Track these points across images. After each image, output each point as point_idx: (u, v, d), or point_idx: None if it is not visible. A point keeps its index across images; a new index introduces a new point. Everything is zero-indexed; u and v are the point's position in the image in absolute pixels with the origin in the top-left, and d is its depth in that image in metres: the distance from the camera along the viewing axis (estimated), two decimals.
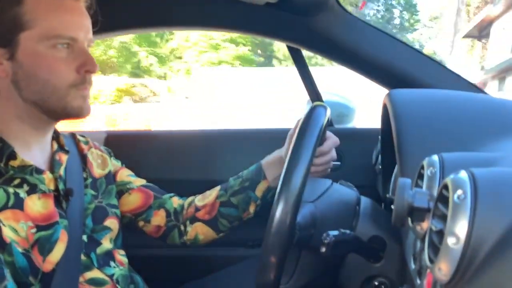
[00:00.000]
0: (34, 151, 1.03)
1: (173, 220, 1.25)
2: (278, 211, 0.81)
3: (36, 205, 0.97)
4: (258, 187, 1.21)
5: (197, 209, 1.25)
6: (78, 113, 1.02)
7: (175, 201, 1.28)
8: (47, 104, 0.99)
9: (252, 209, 1.23)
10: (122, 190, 1.23)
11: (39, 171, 1.01)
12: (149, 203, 1.25)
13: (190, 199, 1.30)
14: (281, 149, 1.22)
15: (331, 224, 0.94)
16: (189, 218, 1.25)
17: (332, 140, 1.20)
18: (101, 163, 1.20)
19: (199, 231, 1.25)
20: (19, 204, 0.95)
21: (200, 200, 1.27)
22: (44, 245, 0.96)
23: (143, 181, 1.28)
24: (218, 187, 1.27)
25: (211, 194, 1.26)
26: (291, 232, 0.84)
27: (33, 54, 0.96)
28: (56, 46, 0.97)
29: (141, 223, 1.25)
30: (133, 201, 1.24)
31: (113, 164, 1.25)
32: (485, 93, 1.43)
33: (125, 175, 1.26)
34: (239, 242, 1.70)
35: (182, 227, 1.25)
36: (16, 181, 0.97)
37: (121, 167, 1.27)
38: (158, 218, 1.25)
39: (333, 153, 1.22)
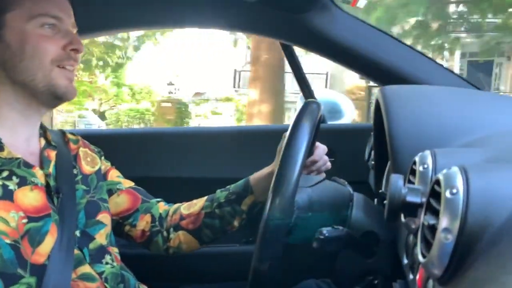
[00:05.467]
0: (20, 144, 1.03)
1: (157, 226, 1.25)
2: (275, 194, 0.82)
3: (28, 197, 0.97)
4: (244, 201, 1.20)
5: (182, 218, 1.24)
6: (64, 93, 1.04)
7: (161, 207, 1.28)
8: (34, 83, 1.01)
9: (237, 222, 1.22)
10: (112, 190, 1.23)
11: (28, 165, 1.01)
12: (136, 206, 1.25)
13: (176, 206, 1.29)
14: (270, 165, 1.22)
15: (327, 209, 0.95)
16: (173, 225, 1.24)
17: (321, 148, 1.21)
18: (90, 161, 1.19)
19: (182, 239, 1.24)
20: (8, 196, 0.95)
21: (185, 208, 1.26)
22: (34, 237, 0.96)
23: (131, 183, 1.28)
24: (205, 198, 1.26)
25: (197, 204, 1.25)
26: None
27: (20, 33, 1.00)
28: (43, 26, 1.01)
29: (127, 228, 1.24)
30: (120, 203, 1.23)
31: (103, 163, 1.24)
32: (478, 88, 1.43)
33: (115, 175, 1.26)
34: (233, 239, 1.70)
35: (165, 234, 1.25)
36: (5, 173, 0.97)
37: (111, 167, 1.27)
38: (143, 223, 1.24)
39: (326, 159, 1.22)
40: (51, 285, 0.96)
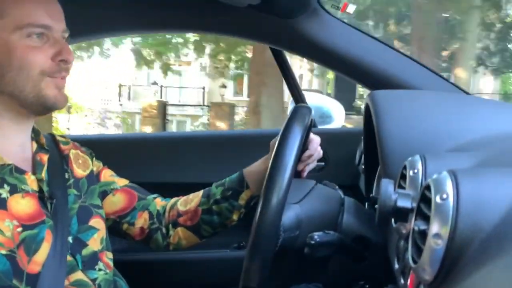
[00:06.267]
0: (13, 150, 1.02)
1: (156, 223, 1.24)
2: (263, 214, 0.81)
3: (21, 204, 0.96)
4: (241, 196, 1.20)
5: (179, 214, 1.23)
6: (54, 103, 1.01)
7: (158, 203, 1.27)
8: (23, 94, 0.98)
9: (235, 216, 1.21)
10: (106, 191, 1.21)
11: (20, 171, 0.99)
12: (133, 204, 1.23)
13: (172, 201, 1.28)
14: (264, 157, 1.21)
15: (316, 225, 0.95)
16: (171, 221, 1.24)
17: (315, 141, 1.20)
18: (82, 163, 1.18)
19: (181, 235, 1.23)
20: (2, 205, 0.93)
21: (182, 204, 1.25)
22: (30, 245, 0.94)
23: (126, 181, 1.27)
24: (201, 193, 1.25)
25: (193, 200, 1.24)
26: (276, 235, 0.84)
27: (6, 44, 0.96)
28: (30, 36, 0.97)
29: (125, 226, 1.23)
30: (117, 202, 1.22)
31: (95, 164, 1.23)
32: (467, 93, 1.44)
33: (108, 175, 1.24)
34: (224, 244, 1.70)
35: (164, 230, 1.24)
36: None
37: (104, 167, 1.25)
38: (142, 221, 1.23)
39: (320, 151, 1.22)
40: None
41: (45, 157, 1.07)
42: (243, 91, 18.15)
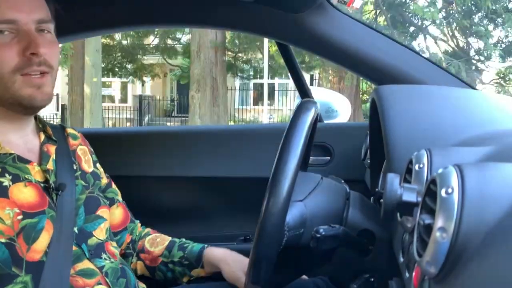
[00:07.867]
0: (16, 142, 1.02)
1: (130, 249, 1.29)
2: (267, 214, 0.81)
3: (23, 192, 0.96)
4: (195, 270, 1.25)
5: (143, 251, 1.28)
6: (31, 103, 0.97)
7: (138, 229, 1.32)
8: None
9: (185, 279, 1.26)
10: (113, 199, 1.24)
11: (25, 161, 0.99)
12: (126, 223, 1.28)
13: (145, 231, 1.32)
14: (228, 249, 1.27)
15: (321, 221, 0.95)
16: (137, 251, 1.29)
17: None
18: (87, 160, 1.19)
19: (138, 268, 1.28)
20: (3, 193, 0.93)
21: (149, 242, 1.29)
22: (30, 233, 0.94)
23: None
24: (166, 242, 1.28)
25: (158, 247, 1.28)
26: (280, 235, 0.84)
27: None
28: None
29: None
30: (116, 216, 1.26)
31: (98, 167, 1.24)
32: (474, 88, 1.44)
33: (113, 184, 1.28)
34: (230, 237, 1.71)
35: (134, 259, 1.29)
36: None
37: (108, 177, 1.28)
38: (125, 244, 1.28)
39: None
40: (49, 282, 0.95)
41: (52, 148, 1.08)
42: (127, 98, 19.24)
